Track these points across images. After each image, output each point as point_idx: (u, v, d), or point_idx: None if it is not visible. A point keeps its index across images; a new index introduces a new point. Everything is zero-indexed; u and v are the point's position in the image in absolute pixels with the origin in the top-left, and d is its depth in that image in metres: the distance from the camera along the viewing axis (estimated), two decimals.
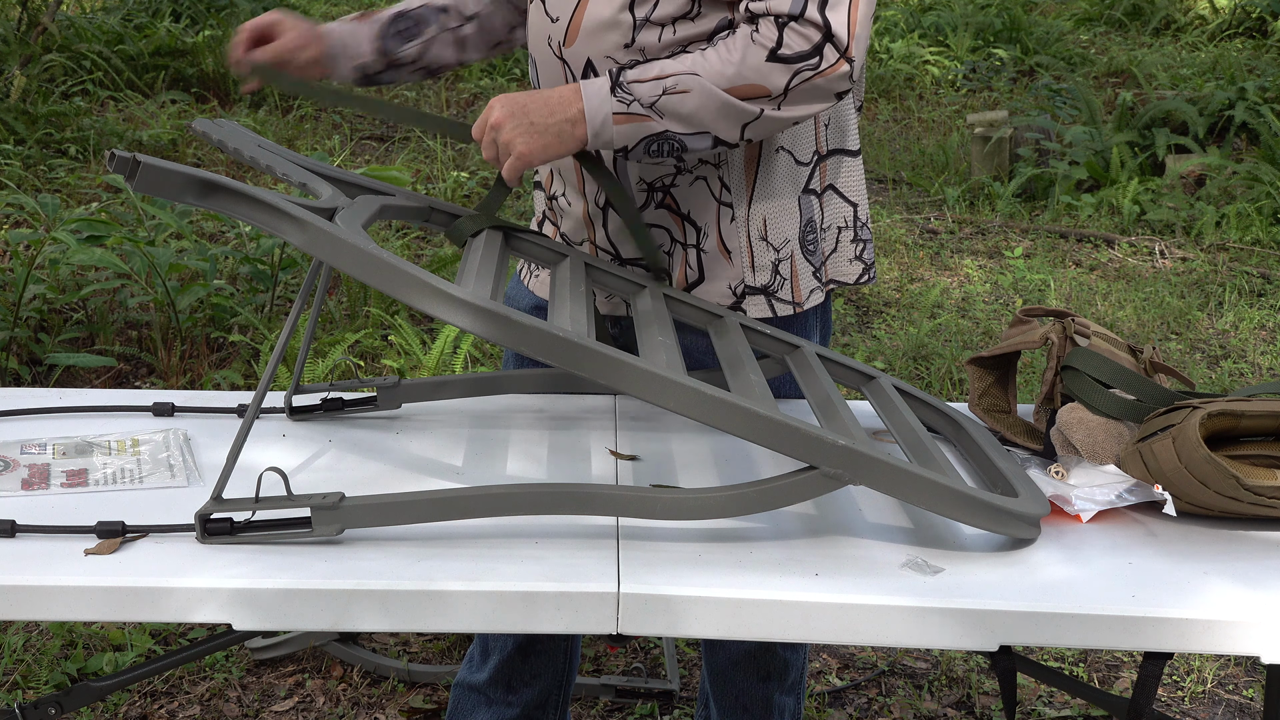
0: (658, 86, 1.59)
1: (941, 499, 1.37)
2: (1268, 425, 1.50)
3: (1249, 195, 6.00)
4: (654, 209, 1.78)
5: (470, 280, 1.46)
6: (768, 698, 2.04)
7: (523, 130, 1.61)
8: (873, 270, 1.89)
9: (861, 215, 1.87)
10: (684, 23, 1.65)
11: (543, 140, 1.61)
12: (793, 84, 1.58)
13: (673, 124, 1.61)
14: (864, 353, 4.44)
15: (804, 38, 1.56)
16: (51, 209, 4.26)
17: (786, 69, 1.57)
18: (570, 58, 1.71)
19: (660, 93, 1.59)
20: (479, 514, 1.38)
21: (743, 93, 1.59)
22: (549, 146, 1.62)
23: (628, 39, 1.66)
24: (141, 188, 1.29)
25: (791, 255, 1.79)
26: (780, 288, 1.79)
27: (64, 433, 1.66)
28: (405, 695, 2.67)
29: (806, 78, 1.58)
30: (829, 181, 1.83)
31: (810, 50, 1.57)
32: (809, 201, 1.80)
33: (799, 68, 1.57)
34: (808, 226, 1.80)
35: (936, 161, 6.85)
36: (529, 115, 1.61)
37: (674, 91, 1.59)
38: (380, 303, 4.32)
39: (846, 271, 1.87)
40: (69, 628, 2.80)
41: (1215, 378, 4.38)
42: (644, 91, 1.60)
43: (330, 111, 7.32)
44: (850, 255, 1.87)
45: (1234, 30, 9.66)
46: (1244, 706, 2.75)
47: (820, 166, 1.81)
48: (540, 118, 1.61)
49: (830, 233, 1.85)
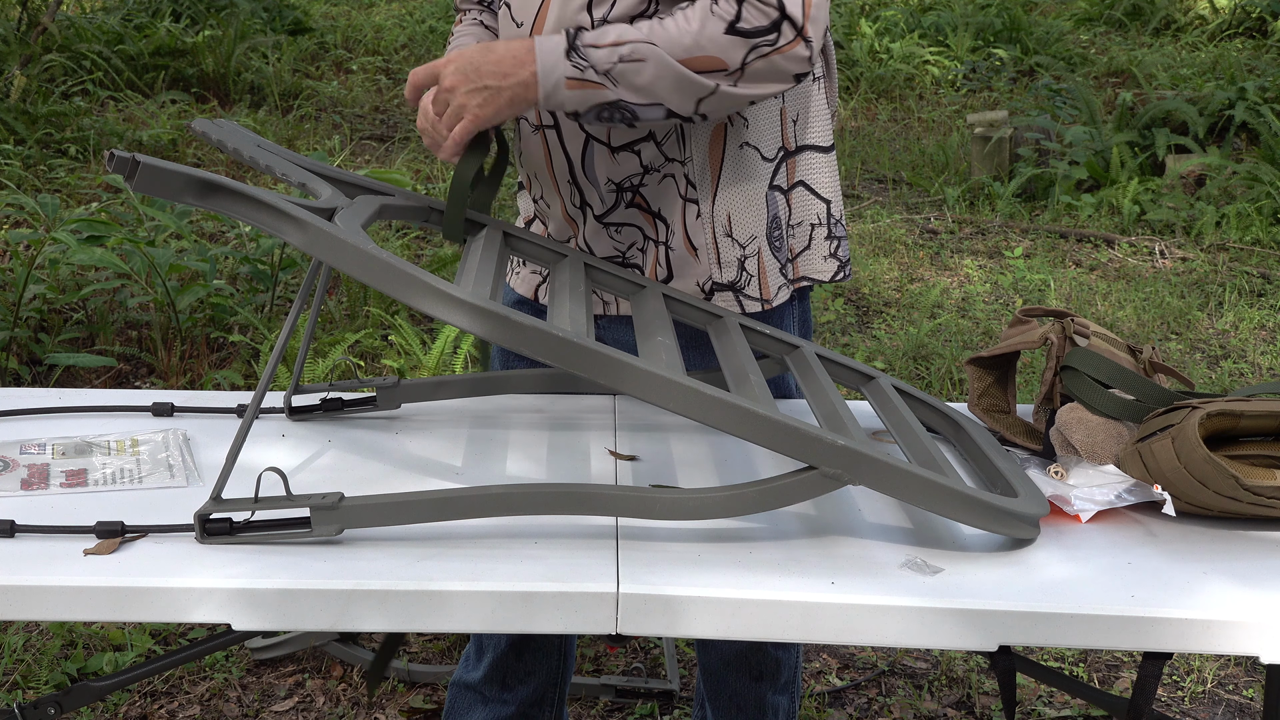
0: (613, 54, 1.58)
1: (941, 499, 1.37)
2: (1267, 425, 1.50)
3: (1249, 195, 6.00)
4: (624, 208, 1.78)
5: (470, 280, 1.46)
6: (761, 697, 2.04)
7: (476, 92, 1.61)
8: (848, 268, 1.88)
9: (835, 212, 1.86)
10: (641, 20, 1.65)
11: (495, 105, 1.62)
12: (749, 59, 1.58)
13: (626, 93, 1.60)
14: (864, 353, 4.44)
15: (762, 13, 1.57)
16: (51, 209, 4.26)
17: (744, 43, 1.57)
18: None
19: (616, 60, 1.58)
20: (478, 514, 1.38)
21: (699, 65, 1.58)
22: (500, 110, 1.62)
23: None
24: (141, 188, 1.29)
25: (759, 252, 1.79)
26: (747, 284, 1.79)
27: (64, 433, 1.66)
28: (405, 695, 2.67)
29: (764, 54, 1.58)
30: (798, 178, 1.82)
31: (768, 26, 1.57)
32: (774, 198, 1.80)
33: (756, 43, 1.57)
34: (774, 223, 1.80)
35: (936, 161, 6.85)
36: (483, 78, 1.61)
37: (629, 60, 1.58)
38: (380, 303, 4.32)
39: (820, 269, 1.86)
40: (69, 628, 2.80)
41: (1215, 378, 4.38)
42: (599, 57, 1.59)
43: (330, 111, 7.32)
44: (824, 253, 1.86)
45: (1234, 30, 9.66)
46: (1244, 706, 2.75)
47: (788, 162, 1.80)
48: (494, 80, 1.61)
49: (802, 229, 1.84)
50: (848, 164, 6.83)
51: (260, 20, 8.54)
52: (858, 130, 7.58)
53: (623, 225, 1.79)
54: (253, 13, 8.51)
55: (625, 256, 1.80)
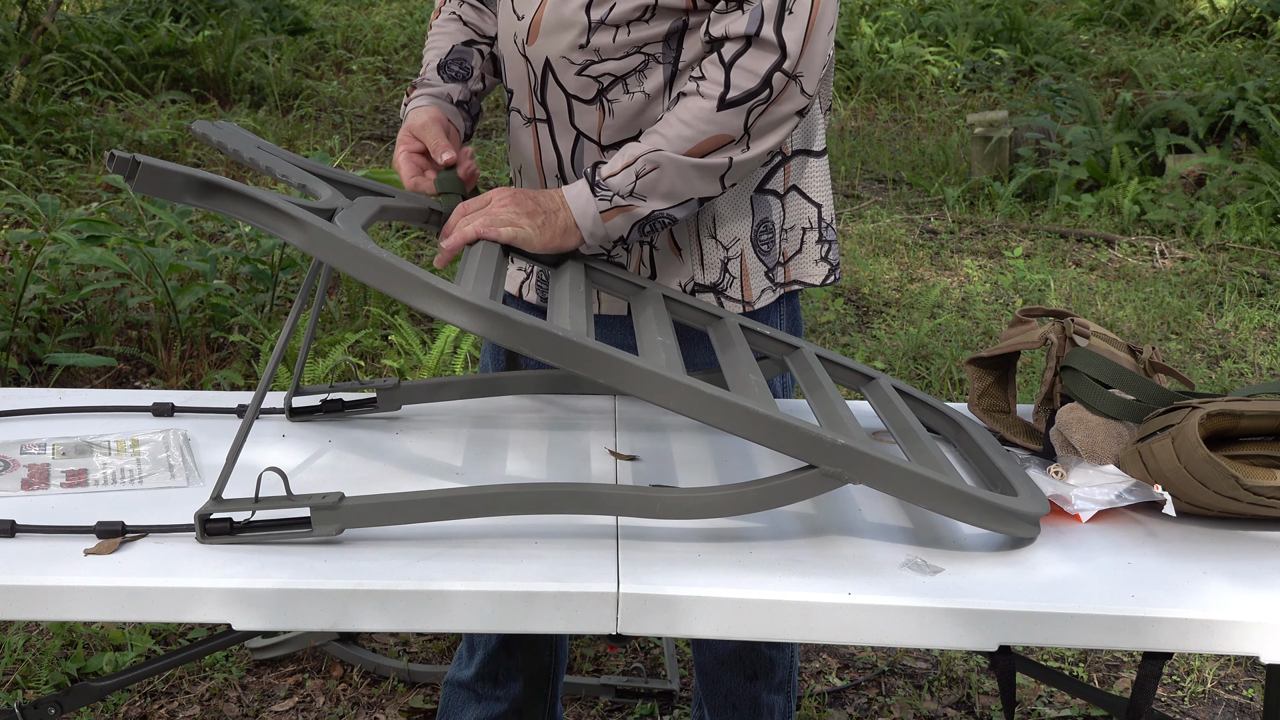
0: (629, 175, 1.64)
1: (941, 497, 1.37)
2: (1267, 425, 1.50)
3: (1249, 195, 6.00)
4: None
5: (469, 280, 1.46)
6: (756, 697, 2.05)
7: (530, 215, 1.64)
8: (838, 271, 1.90)
9: (826, 216, 1.87)
10: (638, 25, 1.67)
11: (549, 231, 1.65)
12: (751, 122, 1.63)
13: (656, 203, 1.65)
14: (864, 353, 4.44)
15: (750, 73, 1.60)
16: (51, 209, 4.25)
17: (740, 111, 1.62)
18: (532, 55, 1.74)
19: (634, 179, 1.64)
20: (478, 514, 1.38)
21: (707, 148, 1.63)
22: (553, 238, 1.66)
23: (582, 39, 1.69)
24: (141, 188, 1.29)
25: (742, 254, 1.80)
26: (729, 286, 1.80)
27: (64, 433, 1.66)
28: (405, 695, 2.67)
29: (761, 112, 1.63)
30: (792, 182, 1.83)
31: (758, 86, 1.61)
32: (765, 201, 1.80)
33: (750, 105, 1.62)
34: (761, 226, 1.80)
35: (936, 161, 6.85)
36: (537, 204, 1.65)
37: (645, 174, 1.64)
38: (380, 303, 4.32)
39: (812, 273, 1.87)
40: (69, 628, 2.80)
41: (1215, 378, 4.38)
42: (619, 183, 1.64)
43: (330, 111, 7.32)
44: (816, 256, 1.87)
45: (1234, 30, 9.66)
46: (1244, 706, 2.75)
47: (784, 168, 1.81)
48: (547, 209, 1.66)
49: (794, 233, 1.85)
50: (848, 164, 6.83)
51: (260, 20, 8.53)
52: (858, 130, 7.58)
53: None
54: (253, 13, 8.51)
55: (610, 255, 1.81)
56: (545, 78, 1.74)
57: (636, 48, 1.68)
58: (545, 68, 1.73)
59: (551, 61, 1.72)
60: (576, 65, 1.70)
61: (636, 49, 1.68)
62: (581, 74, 1.71)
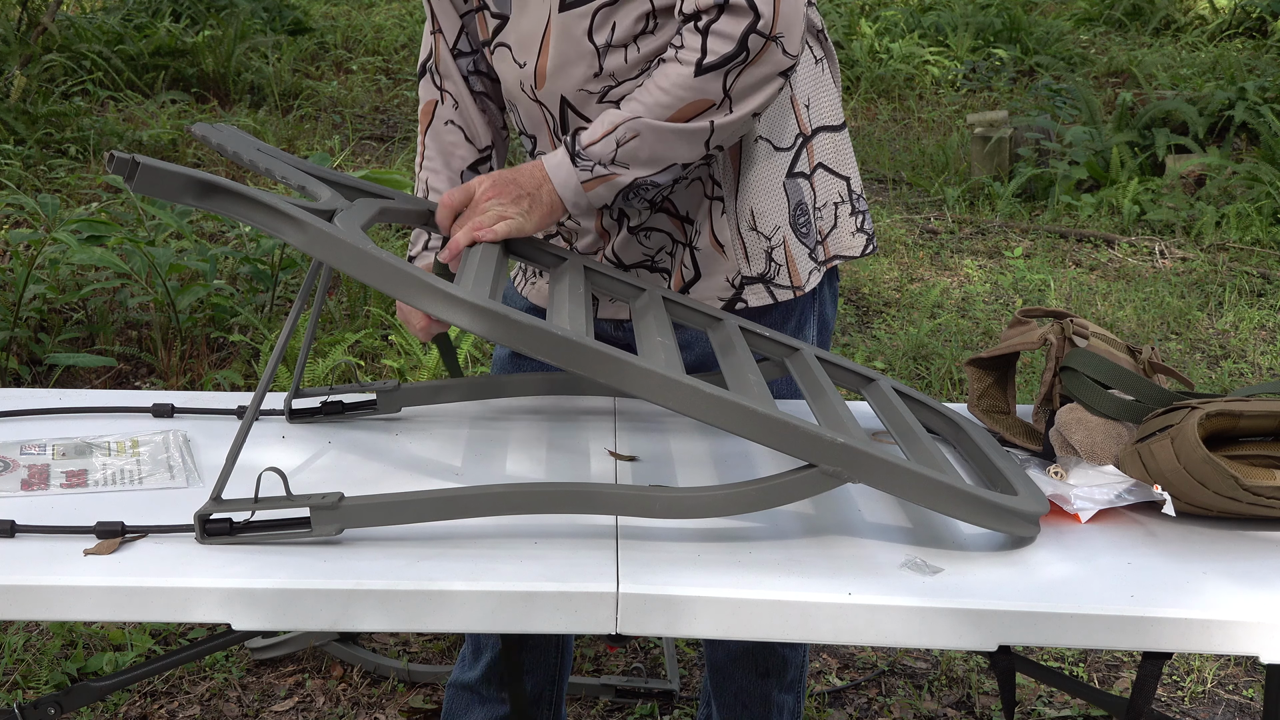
0: (610, 142, 1.63)
1: (940, 496, 1.37)
2: (1267, 425, 1.50)
3: (1249, 195, 6.00)
4: (654, 213, 1.79)
5: (469, 280, 1.47)
6: (766, 695, 2.05)
7: (517, 201, 1.64)
8: (874, 240, 1.90)
9: (855, 187, 1.88)
10: (645, 38, 1.66)
11: (537, 213, 1.65)
12: (730, 85, 1.61)
13: (638, 170, 1.64)
14: (864, 353, 4.44)
15: (727, 37, 1.58)
16: (51, 209, 4.25)
17: (717, 75, 1.60)
18: (544, 98, 1.74)
19: (615, 146, 1.63)
20: (478, 513, 1.38)
21: (688, 114, 1.61)
22: (543, 218, 1.66)
23: (595, 68, 1.68)
24: (141, 189, 1.29)
25: (784, 241, 1.80)
26: (777, 274, 1.80)
27: (64, 433, 1.66)
28: (405, 695, 2.67)
29: (739, 74, 1.60)
30: (818, 160, 1.83)
31: (735, 49, 1.58)
32: (796, 185, 1.80)
33: (728, 69, 1.59)
34: (798, 209, 1.80)
35: (936, 161, 6.85)
36: (521, 187, 1.65)
37: (626, 141, 1.62)
38: (380, 303, 4.32)
39: (850, 245, 1.88)
40: (69, 628, 2.80)
41: (1215, 378, 4.38)
42: (600, 151, 1.63)
43: (330, 111, 7.32)
44: (852, 229, 1.87)
45: (1234, 30, 9.66)
46: (1244, 706, 2.75)
47: (807, 148, 1.81)
48: (531, 189, 1.65)
49: (827, 210, 1.85)
50: None
51: (260, 20, 8.53)
52: (858, 130, 7.57)
53: (652, 230, 1.80)
54: (253, 13, 8.50)
55: (654, 261, 1.81)
56: (564, 115, 1.74)
57: (649, 61, 1.67)
58: (562, 106, 1.73)
59: (568, 99, 1.72)
60: (596, 94, 1.70)
61: (649, 62, 1.67)
62: (603, 100, 1.70)
